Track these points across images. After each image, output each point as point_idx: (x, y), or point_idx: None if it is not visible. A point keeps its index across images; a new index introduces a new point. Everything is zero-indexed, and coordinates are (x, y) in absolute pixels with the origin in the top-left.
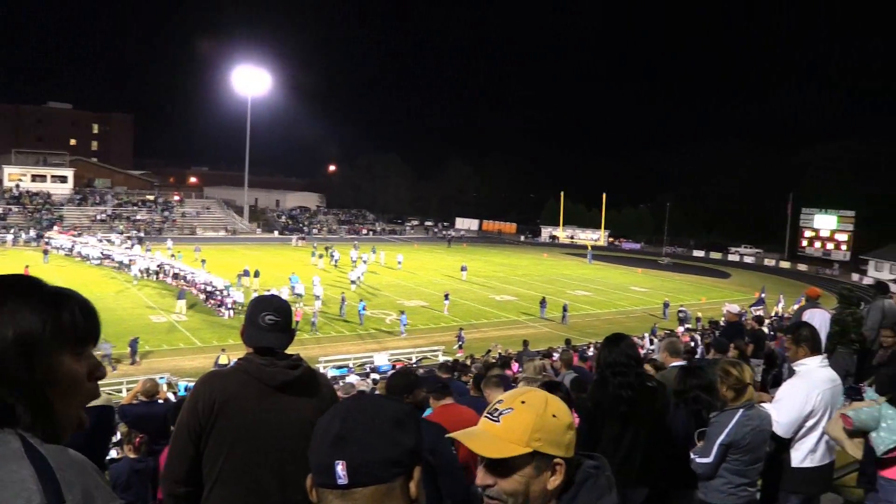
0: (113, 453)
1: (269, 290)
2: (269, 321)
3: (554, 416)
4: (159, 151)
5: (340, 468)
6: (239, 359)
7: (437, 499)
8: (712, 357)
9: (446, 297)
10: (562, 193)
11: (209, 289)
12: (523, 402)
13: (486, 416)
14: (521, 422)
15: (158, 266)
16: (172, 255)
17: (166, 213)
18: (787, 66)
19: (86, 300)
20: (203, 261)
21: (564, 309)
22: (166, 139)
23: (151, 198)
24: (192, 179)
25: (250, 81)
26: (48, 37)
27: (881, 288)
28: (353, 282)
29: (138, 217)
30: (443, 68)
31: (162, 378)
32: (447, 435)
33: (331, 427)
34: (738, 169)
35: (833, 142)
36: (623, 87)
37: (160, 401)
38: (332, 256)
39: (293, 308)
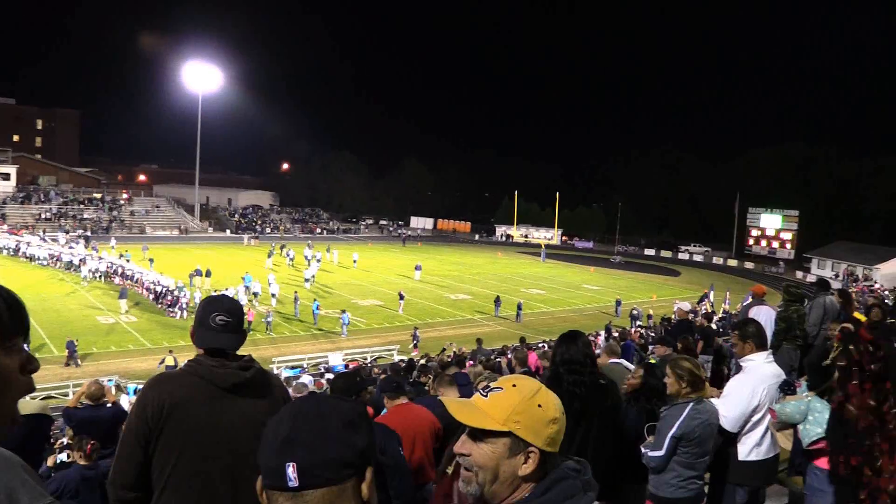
0: (63, 457)
1: (224, 290)
2: (220, 322)
3: (540, 405)
4: (107, 148)
5: (291, 470)
6: (189, 360)
7: (387, 500)
8: (659, 354)
9: (401, 296)
10: (516, 193)
11: (159, 289)
12: (514, 385)
13: (478, 391)
14: (505, 401)
15: (108, 266)
16: (121, 255)
17: (114, 212)
18: (734, 72)
19: (10, 293)
20: (151, 260)
21: (519, 307)
22: (114, 136)
23: (98, 196)
24: (141, 177)
25: (201, 77)
26: None
27: (823, 285)
28: (306, 279)
29: (85, 216)
30: (398, 67)
31: (110, 380)
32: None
33: (280, 428)
34: (686, 170)
35: (778, 144)
36: (573, 92)
37: (108, 404)
38: (288, 255)
39: (246, 308)
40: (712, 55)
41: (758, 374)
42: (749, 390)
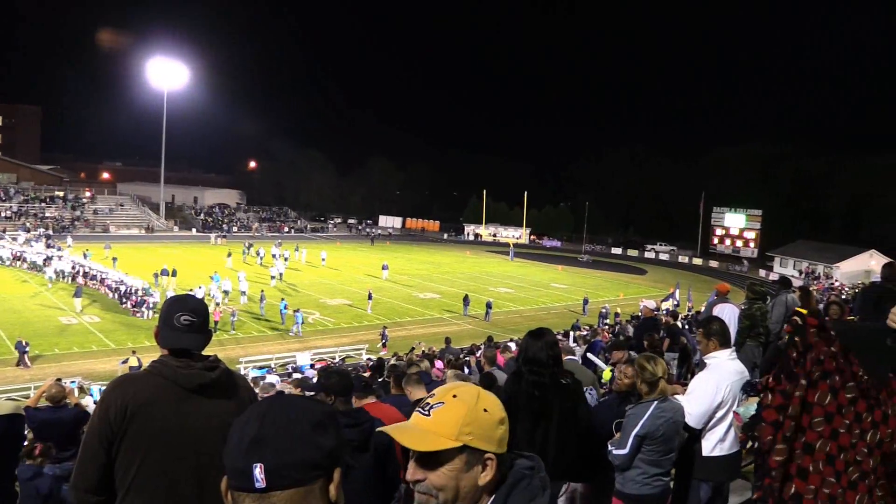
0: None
1: (194, 290)
2: (185, 322)
3: (485, 410)
4: (69, 146)
5: (258, 471)
6: (153, 361)
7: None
8: (616, 359)
9: (370, 296)
10: (484, 192)
11: (123, 288)
12: (455, 396)
13: (417, 410)
14: (451, 415)
15: (73, 266)
16: (85, 255)
17: (77, 211)
18: (700, 72)
19: None
20: (114, 259)
21: (488, 306)
22: (77, 133)
23: (61, 194)
24: (105, 175)
25: (166, 74)
26: None
27: (785, 283)
28: (272, 277)
29: (47, 214)
30: (365, 64)
31: (73, 382)
32: (378, 429)
33: (247, 429)
34: (652, 169)
35: (741, 144)
36: (541, 92)
37: (69, 405)
38: (258, 254)
39: (213, 308)
40: (678, 55)
41: (721, 372)
42: (713, 387)
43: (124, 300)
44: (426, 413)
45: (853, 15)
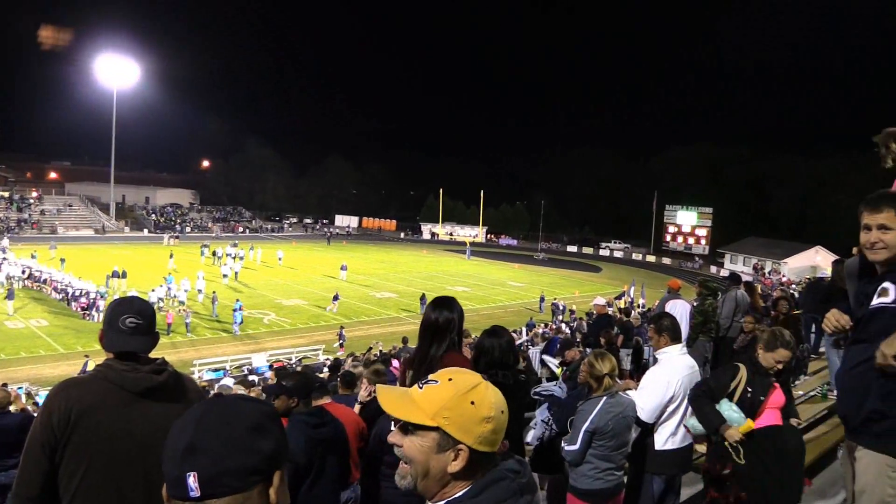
0: None
1: (153, 290)
2: (131, 324)
3: (473, 402)
4: (14, 145)
5: (192, 480)
6: (98, 365)
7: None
8: (571, 358)
9: (335, 297)
10: (441, 191)
11: (71, 290)
12: (450, 380)
13: (417, 383)
14: (437, 395)
15: (22, 269)
16: (32, 256)
17: (24, 212)
18: (651, 72)
19: None
20: (62, 260)
21: None
22: (22, 132)
23: (6, 194)
24: (53, 175)
25: (116, 71)
26: None
27: (734, 279)
28: (224, 275)
29: None
30: (320, 62)
31: (20, 388)
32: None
33: (182, 436)
34: (606, 168)
35: (692, 143)
36: (495, 91)
37: (14, 411)
38: (214, 254)
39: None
40: (630, 55)
41: (672, 366)
42: (664, 382)
43: (72, 303)
44: (420, 386)
45: (801, 18)
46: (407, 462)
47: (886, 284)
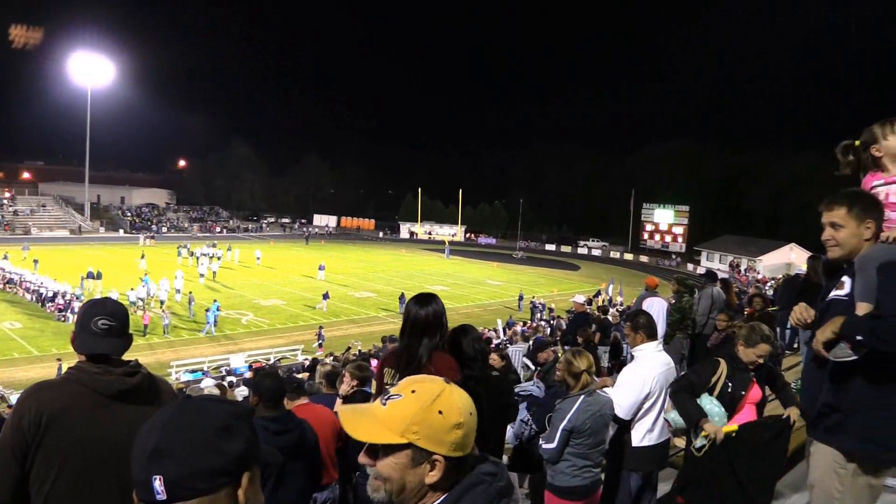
0: None
1: (133, 289)
2: (103, 326)
3: (440, 412)
4: None
5: (158, 483)
6: (70, 367)
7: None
8: (543, 360)
9: (325, 296)
10: (419, 190)
11: (43, 291)
12: (413, 392)
13: (379, 398)
14: (403, 411)
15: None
16: (5, 256)
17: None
18: (627, 70)
19: None
20: (35, 261)
21: None
22: None
23: None
24: (26, 175)
25: (90, 69)
26: None
27: (711, 276)
28: (201, 275)
29: None
30: (297, 61)
31: None
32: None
33: (148, 439)
34: (583, 167)
35: (667, 141)
36: (471, 89)
37: None
38: (192, 254)
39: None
40: (606, 53)
41: (649, 363)
42: (640, 379)
43: (46, 304)
44: (383, 403)
45: (775, 16)
46: (379, 479)
47: (844, 278)
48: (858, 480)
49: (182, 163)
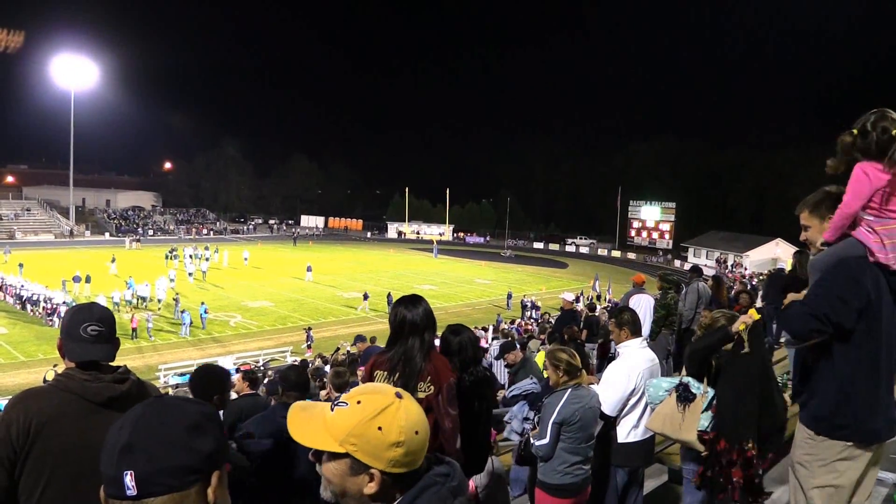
0: None
1: (121, 291)
2: (92, 332)
3: (380, 428)
4: None
5: (129, 479)
6: (58, 374)
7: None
8: (511, 361)
9: (365, 296)
10: (407, 190)
11: (27, 294)
12: (359, 403)
13: (331, 402)
14: (344, 420)
15: None
16: None
17: None
18: (611, 68)
19: None
20: (21, 265)
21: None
22: None
23: None
24: (9, 178)
25: (73, 72)
26: None
27: (697, 271)
28: (189, 274)
29: None
30: (281, 61)
31: None
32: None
33: (120, 435)
34: (569, 165)
35: (652, 138)
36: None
37: None
38: (175, 256)
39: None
40: (589, 52)
41: (633, 360)
42: (625, 375)
43: (28, 306)
44: (332, 408)
45: (758, 12)
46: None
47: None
48: (826, 449)
49: (168, 165)
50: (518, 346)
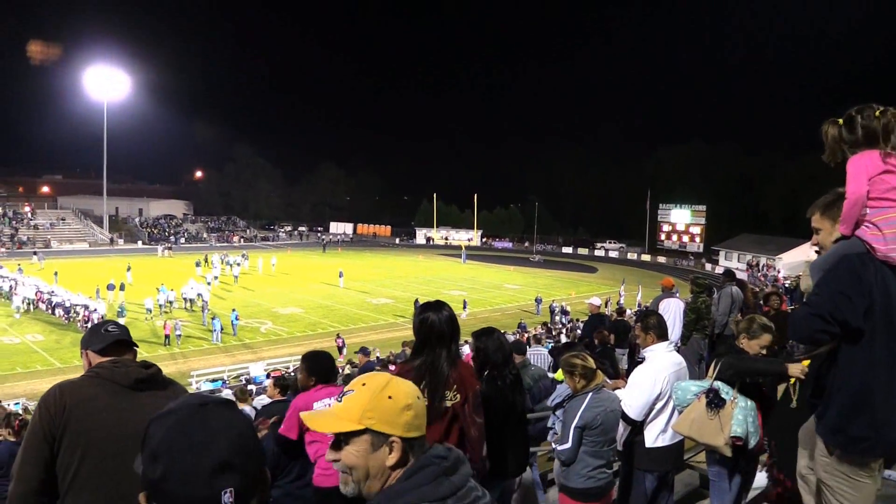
0: None
1: (143, 301)
2: (112, 329)
3: (390, 397)
4: (5, 159)
5: (228, 496)
6: (89, 367)
7: None
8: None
9: (464, 305)
10: (435, 195)
11: (65, 302)
12: (364, 385)
13: (335, 399)
14: (356, 402)
15: (36, 291)
16: (19, 269)
17: (16, 226)
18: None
19: None
20: (56, 273)
21: None
22: (14, 146)
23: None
24: (45, 189)
25: (106, 83)
26: None
27: (729, 275)
28: (216, 277)
29: None
30: (309, 71)
31: (17, 403)
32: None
33: (210, 452)
34: (597, 169)
35: (682, 143)
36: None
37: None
38: (207, 261)
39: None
40: (619, 55)
41: (659, 364)
42: (651, 380)
43: (67, 316)
44: (339, 400)
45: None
46: (346, 472)
47: None
48: (847, 470)
49: (199, 174)
50: (526, 349)
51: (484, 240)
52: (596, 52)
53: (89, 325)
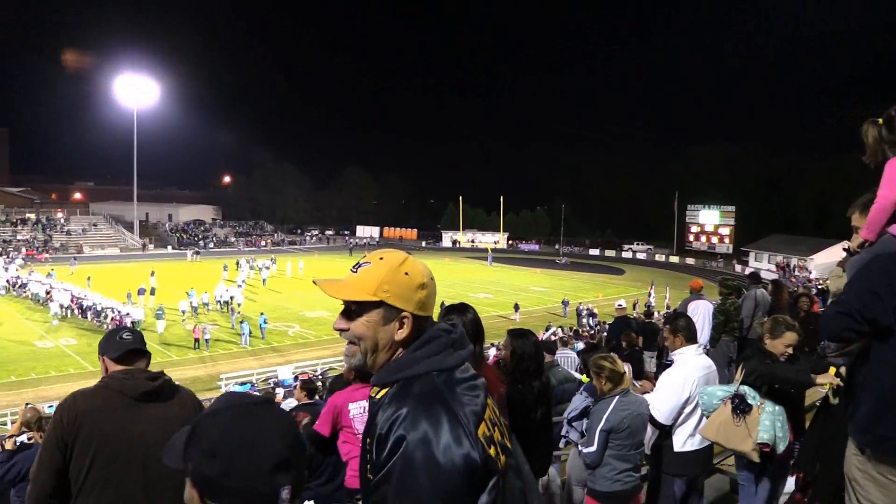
0: (23, 438)
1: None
2: (126, 336)
3: (406, 273)
4: (39, 167)
5: (286, 493)
6: (103, 377)
7: None
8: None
9: (516, 307)
10: (461, 198)
11: (95, 306)
12: (381, 258)
13: (351, 270)
14: (373, 273)
15: (71, 297)
16: (50, 274)
17: (49, 232)
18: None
19: None
20: (88, 278)
21: None
22: (46, 154)
23: (32, 216)
24: (77, 195)
25: (136, 90)
26: None
27: (755, 278)
28: (244, 282)
29: (19, 237)
30: (336, 77)
31: (50, 406)
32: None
33: (268, 449)
34: (625, 170)
35: (709, 143)
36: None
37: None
38: (239, 265)
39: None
40: (646, 56)
41: (688, 367)
42: (680, 383)
43: (99, 320)
44: (354, 271)
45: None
46: (354, 342)
47: None
48: (874, 469)
49: (227, 179)
50: (555, 349)
51: (510, 242)
52: (623, 55)
53: None
